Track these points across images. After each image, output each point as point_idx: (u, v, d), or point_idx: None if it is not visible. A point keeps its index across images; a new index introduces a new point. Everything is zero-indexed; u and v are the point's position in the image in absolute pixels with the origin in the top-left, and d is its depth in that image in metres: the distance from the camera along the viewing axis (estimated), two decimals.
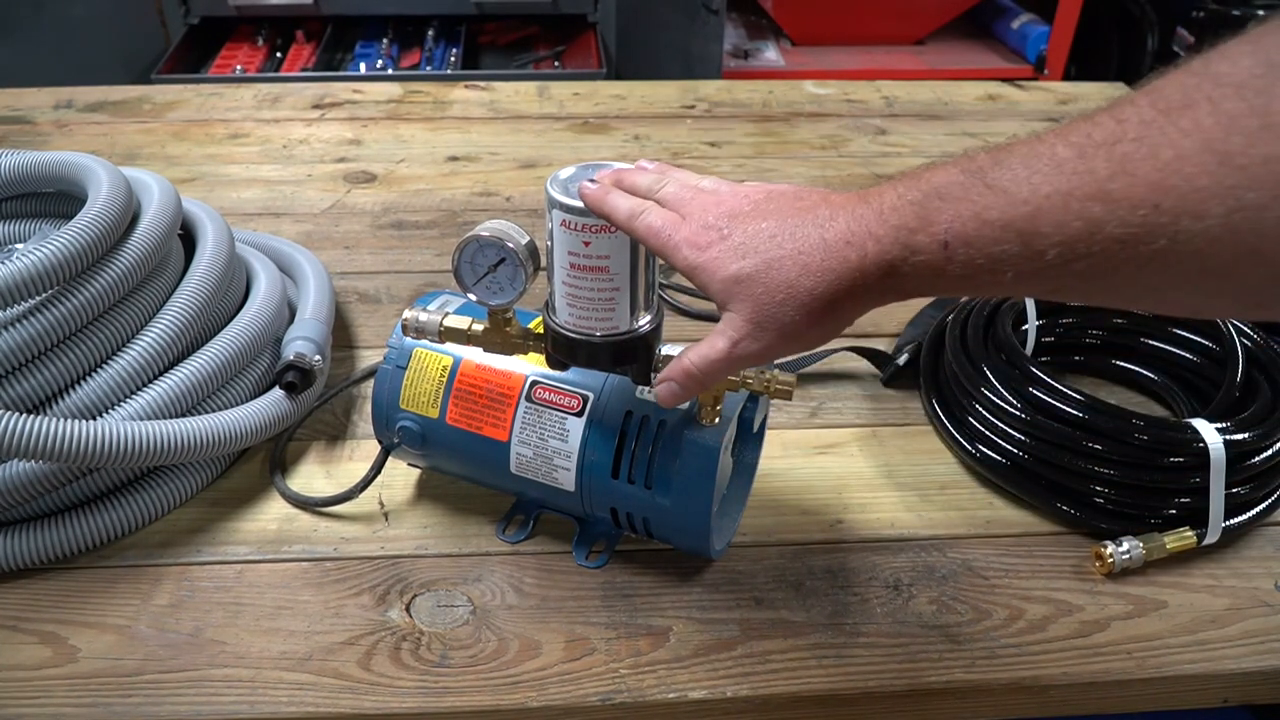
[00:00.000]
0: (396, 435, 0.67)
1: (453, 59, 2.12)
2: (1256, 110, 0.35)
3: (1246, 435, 0.68)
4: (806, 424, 0.81)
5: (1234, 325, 0.78)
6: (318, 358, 0.77)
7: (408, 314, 0.64)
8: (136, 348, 0.69)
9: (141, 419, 0.66)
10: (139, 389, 0.68)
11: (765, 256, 0.48)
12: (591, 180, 0.54)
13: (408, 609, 0.64)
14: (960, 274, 0.44)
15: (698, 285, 0.51)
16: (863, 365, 0.87)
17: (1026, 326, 0.82)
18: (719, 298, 0.51)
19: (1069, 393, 0.70)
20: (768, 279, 0.48)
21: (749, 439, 0.70)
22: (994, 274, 0.43)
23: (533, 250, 0.58)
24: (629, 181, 0.55)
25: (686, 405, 0.61)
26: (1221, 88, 0.36)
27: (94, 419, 0.64)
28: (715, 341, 0.51)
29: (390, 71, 2.06)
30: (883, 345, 0.88)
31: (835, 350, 0.87)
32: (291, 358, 0.75)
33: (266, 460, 0.76)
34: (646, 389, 0.62)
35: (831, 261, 0.47)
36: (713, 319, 0.94)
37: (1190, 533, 0.67)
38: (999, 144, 0.44)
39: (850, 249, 0.47)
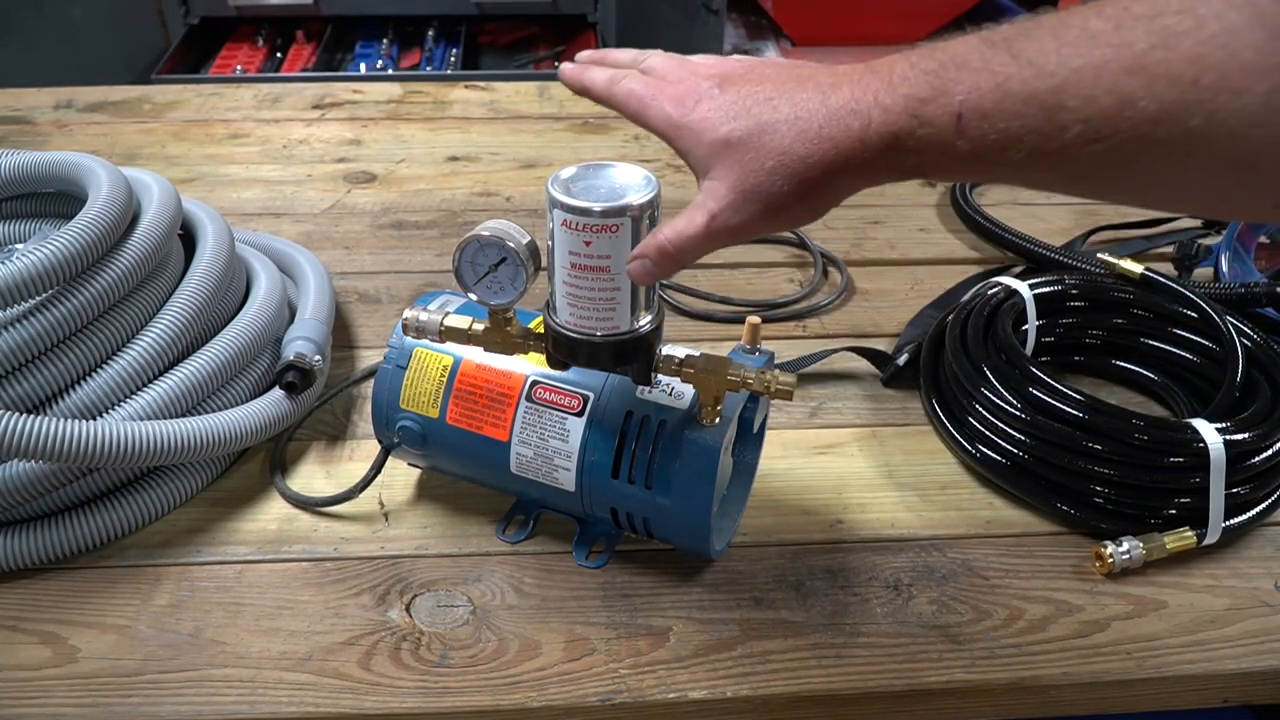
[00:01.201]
0: (396, 435, 0.67)
1: (453, 59, 2.12)
2: None
3: (1246, 435, 0.68)
4: (806, 424, 0.81)
5: (1234, 325, 0.78)
6: (318, 358, 0.77)
7: (408, 314, 0.64)
8: (136, 348, 0.69)
9: (141, 419, 0.66)
10: (139, 389, 0.68)
11: (759, 120, 0.45)
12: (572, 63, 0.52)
13: (408, 609, 0.64)
14: (968, 150, 0.42)
15: (679, 149, 0.48)
16: (863, 365, 0.87)
17: (1026, 326, 0.82)
18: (702, 163, 0.47)
19: (1069, 393, 0.70)
20: (759, 144, 0.45)
21: (749, 439, 0.70)
22: (1004, 152, 0.41)
23: (533, 250, 0.58)
24: (611, 57, 0.52)
25: (687, 405, 0.61)
26: None
27: (94, 419, 0.64)
28: (693, 215, 0.48)
29: (390, 71, 2.06)
30: (883, 345, 0.88)
31: (835, 350, 0.87)
32: (291, 358, 0.75)
33: (266, 460, 0.76)
34: (647, 389, 0.62)
35: (831, 129, 0.44)
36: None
37: (1190, 533, 0.67)
38: (1022, 19, 0.42)
39: (853, 117, 0.44)
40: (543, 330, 0.60)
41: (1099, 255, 0.87)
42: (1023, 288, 0.82)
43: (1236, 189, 0.39)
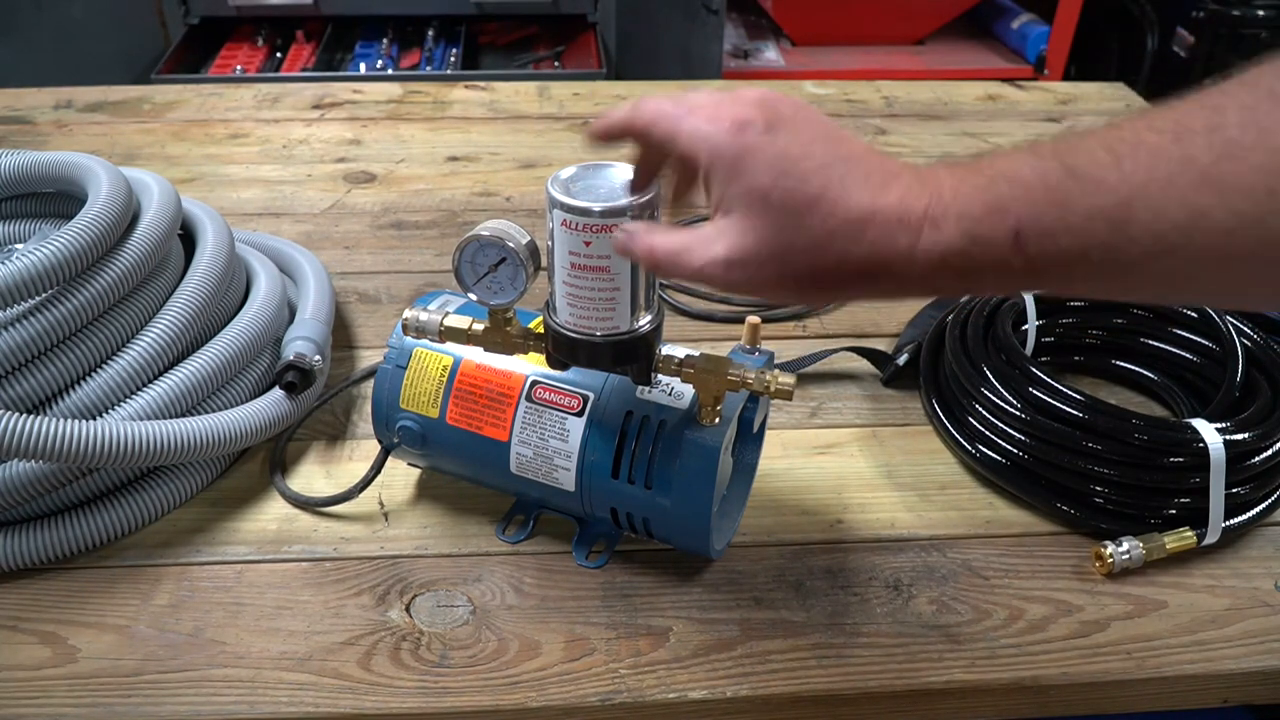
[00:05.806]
0: (396, 435, 0.67)
1: (453, 59, 2.12)
2: None
3: (1246, 435, 0.68)
4: (806, 424, 0.81)
5: (1234, 325, 0.78)
6: (318, 358, 0.77)
7: (408, 314, 0.64)
8: (136, 348, 0.69)
9: (141, 419, 0.66)
10: (139, 389, 0.68)
11: (807, 193, 0.41)
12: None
13: (408, 609, 0.64)
14: (1023, 267, 0.40)
15: (717, 169, 0.42)
16: (863, 365, 0.87)
17: (1026, 326, 0.81)
18: (727, 199, 0.42)
19: (1069, 393, 0.70)
20: (799, 222, 0.41)
21: (749, 439, 0.70)
22: (1065, 268, 0.39)
23: (533, 250, 0.58)
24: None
25: (687, 405, 0.61)
26: None
27: (94, 419, 0.64)
28: (710, 246, 0.43)
29: (390, 71, 2.06)
30: (883, 345, 0.88)
31: (835, 350, 0.87)
32: (291, 358, 0.75)
33: (266, 460, 0.76)
34: (647, 389, 0.62)
35: (877, 236, 0.41)
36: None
37: (1190, 533, 0.67)
38: (1060, 134, 0.41)
39: (902, 230, 0.41)
40: (543, 330, 0.60)
41: None
42: None
43: None
